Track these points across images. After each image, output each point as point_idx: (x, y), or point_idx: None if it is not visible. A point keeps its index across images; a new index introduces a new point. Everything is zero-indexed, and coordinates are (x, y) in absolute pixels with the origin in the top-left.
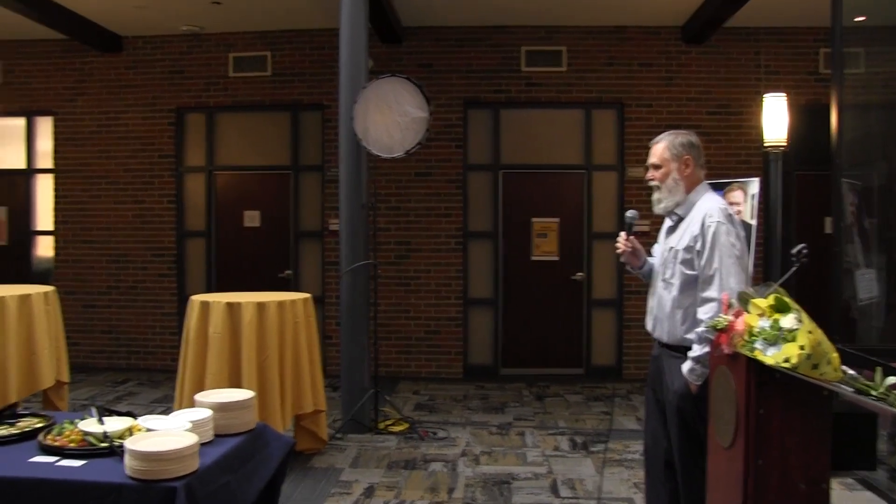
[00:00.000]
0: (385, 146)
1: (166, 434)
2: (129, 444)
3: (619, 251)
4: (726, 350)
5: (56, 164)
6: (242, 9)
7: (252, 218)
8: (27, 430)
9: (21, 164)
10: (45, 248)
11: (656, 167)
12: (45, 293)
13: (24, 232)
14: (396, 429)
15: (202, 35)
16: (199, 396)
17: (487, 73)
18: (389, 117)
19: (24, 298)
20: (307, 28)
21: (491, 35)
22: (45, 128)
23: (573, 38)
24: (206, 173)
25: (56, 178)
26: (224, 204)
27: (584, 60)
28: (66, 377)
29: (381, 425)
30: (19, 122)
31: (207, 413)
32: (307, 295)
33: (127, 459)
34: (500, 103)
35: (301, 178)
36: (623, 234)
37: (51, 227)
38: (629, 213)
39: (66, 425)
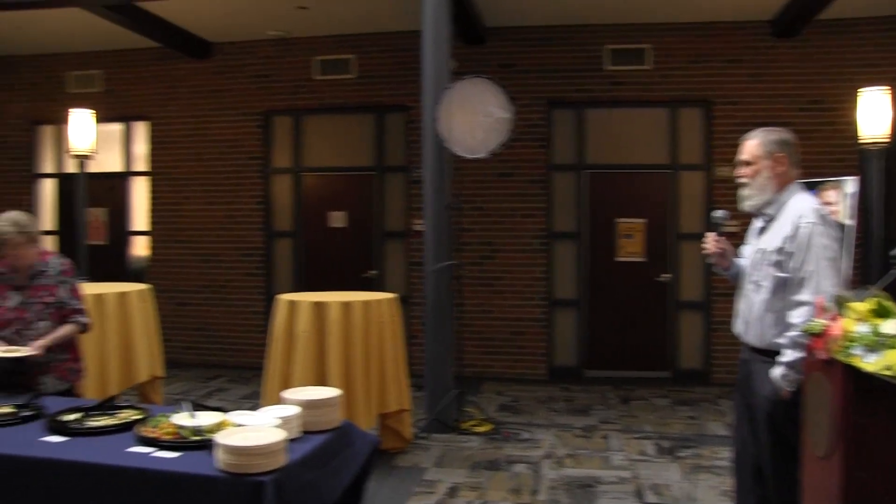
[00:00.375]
0: (468, 147)
1: (255, 429)
2: (220, 438)
3: (706, 252)
4: (822, 355)
5: (151, 167)
6: (327, 13)
7: (338, 218)
8: (126, 421)
9: (119, 167)
10: (140, 247)
11: (747, 164)
12: (141, 291)
13: (121, 232)
14: (480, 429)
15: (288, 39)
16: (286, 394)
17: (570, 73)
18: (473, 118)
19: (122, 296)
20: (390, 30)
21: (574, 34)
22: (141, 132)
23: (657, 35)
24: (292, 175)
25: (151, 181)
26: (310, 205)
27: (669, 58)
28: (160, 372)
29: (465, 425)
30: (118, 128)
31: (295, 410)
32: (393, 295)
33: (218, 453)
34: (583, 103)
35: (385, 179)
36: (711, 235)
37: (146, 228)
38: (717, 214)
39: (161, 418)
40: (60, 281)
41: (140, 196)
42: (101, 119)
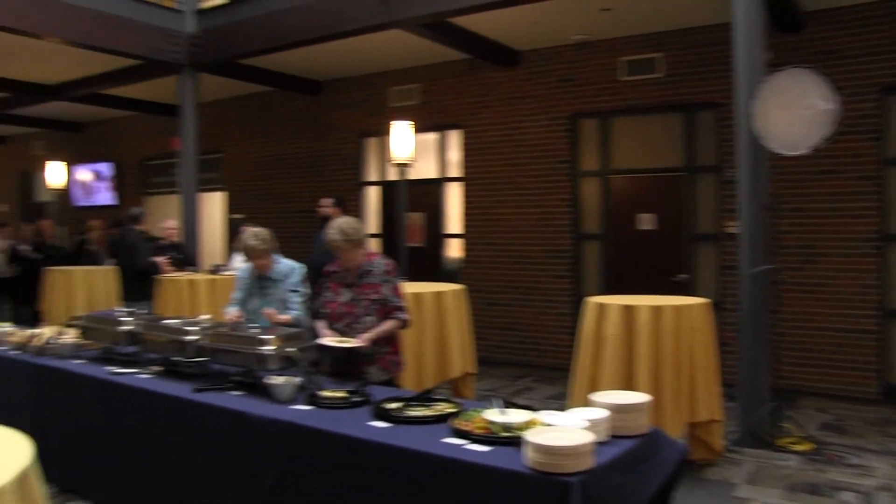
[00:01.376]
0: (787, 143)
1: (563, 430)
2: (530, 436)
3: None
4: None
5: (464, 172)
6: (632, 12)
7: (646, 221)
8: (441, 413)
9: (435, 174)
10: (454, 249)
11: None
12: (455, 290)
13: (437, 234)
14: (798, 447)
15: (592, 42)
16: (594, 396)
17: None
18: (792, 112)
19: (438, 295)
20: (697, 25)
21: None
22: (455, 140)
23: None
24: (600, 177)
25: (464, 186)
26: (618, 207)
27: None
28: (472, 368)
29: (781, 442)
30: (433, 137)
31: (604, 413)
32: (706, 300)
33: (527, 450)
34: None
35: (696, 180)
36: None
37: (460, 231)
38: None
39: (473, 413)
40: (384, 280)
41: (454, 200)
42: (419, 129)
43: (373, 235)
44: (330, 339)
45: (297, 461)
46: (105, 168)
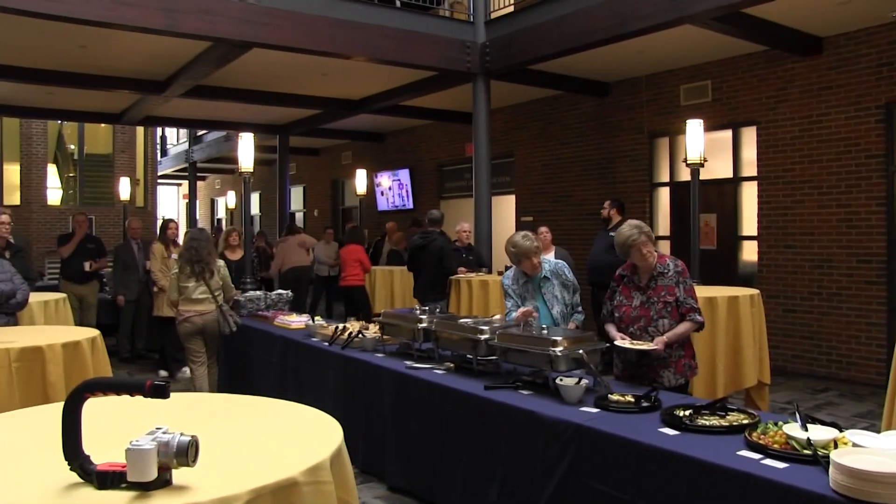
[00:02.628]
0: None
1: (877, 453)
2: (836, 456)
3: None
4: None
5: (759, 171)
6: None
7: None
8: (734, 423)
9: (728, 173)
10: (749, 252)
11: None
12: (751, 296)
13: (730, 236)
14: None
15: None
16: None
17: None
18: None
19: (732, 300)
20: None
21: None
22: (749, 137)
23: None
24: None
25: (759, 185)
26: None
27: None
28: (766, 378)
29: None
30: (726, 135)
31: None
32: None
33: (832, 472)
34: None
35: None
36: None
37: (754, 233)
38: None
39: (771, 426)
40: (678, 281)
41: (749, 201)
42: (710, 127)
43: (663, 238)
44: (625, 342)
45: (583, 463)
46: (403, 174)
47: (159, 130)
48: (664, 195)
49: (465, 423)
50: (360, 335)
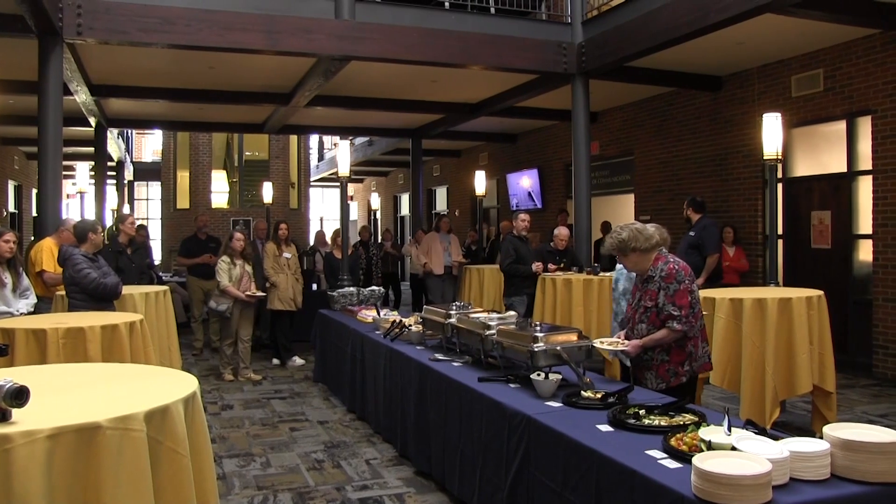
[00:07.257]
0: None
1: (744, 457)
2: (697, 459)
3: None
4: None
5: (874, 164)
6: None
7: None
8: (673, 424)
9: (842, 167)
10: (865, 252)
11: None
12: (808, 297)
13: (845, 235)
14: None
15: None
16: (828, 429)
17: None
18: None
19: (784, 302)
20: None
21: None
22: (865, 128)
23: None
24: None
25: (874, 179)
26: None
27: None
28: (829, 386)
29: None
30: (839, 127)
31: (822, 446)
32: None
33: (692, 474)
34: None
35: None
36: None
37: (869, 231)
38: None
39: (704, 427)
40: (661, 287)
41: (865, 197)
42: (824, 118)
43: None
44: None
45: (531, 454)
46: (532, 174)
47: (315, 137)
48: (779, 191)
49: (462, 413)
50: (407, 329)
